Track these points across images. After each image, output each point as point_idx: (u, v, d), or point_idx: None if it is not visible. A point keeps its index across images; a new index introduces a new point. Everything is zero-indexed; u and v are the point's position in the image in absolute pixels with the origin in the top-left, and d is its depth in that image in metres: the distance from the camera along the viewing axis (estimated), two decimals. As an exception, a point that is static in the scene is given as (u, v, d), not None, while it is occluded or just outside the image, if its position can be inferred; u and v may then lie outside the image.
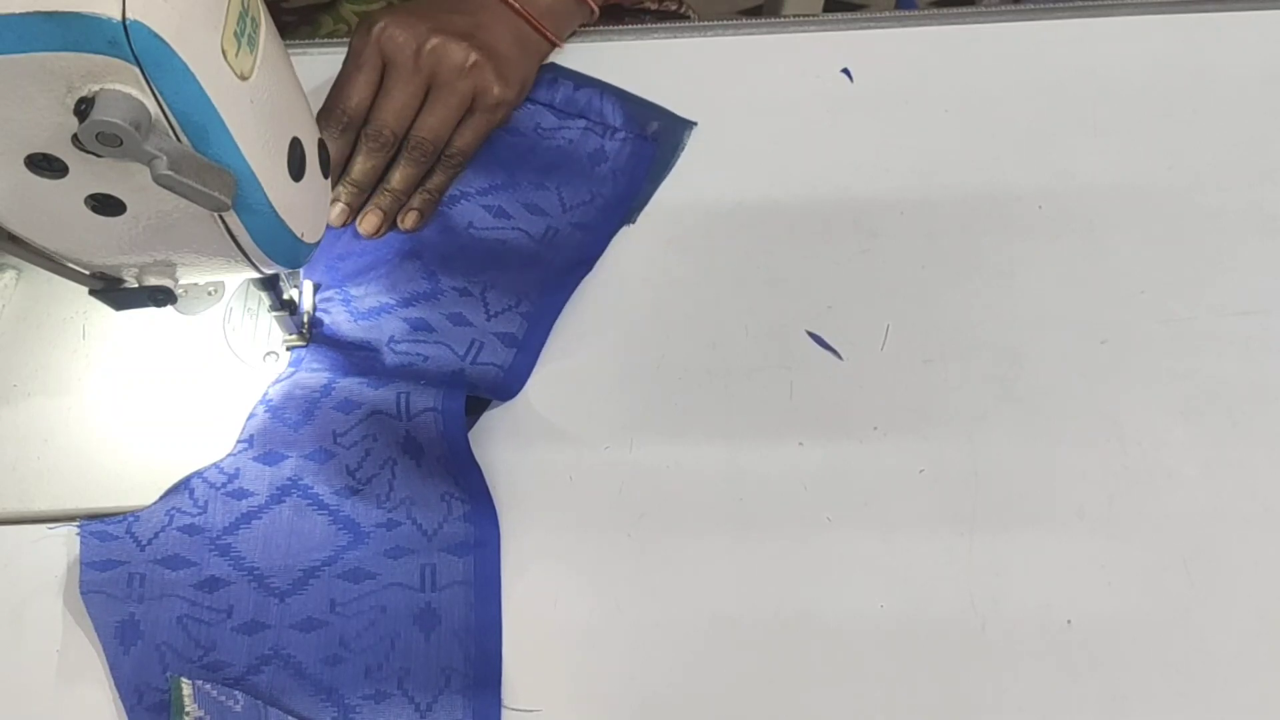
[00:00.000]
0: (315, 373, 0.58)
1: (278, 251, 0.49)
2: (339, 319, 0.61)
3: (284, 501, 0.56)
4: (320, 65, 0.69)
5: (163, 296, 0.52)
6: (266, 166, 0.45)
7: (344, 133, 0.62)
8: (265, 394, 0.58)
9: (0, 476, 0.57)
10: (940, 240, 0.63)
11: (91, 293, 0.53)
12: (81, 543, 0.55)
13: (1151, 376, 0.60)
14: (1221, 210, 0.64)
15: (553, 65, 0.69)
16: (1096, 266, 0.63)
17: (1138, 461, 0.57)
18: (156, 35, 0.38)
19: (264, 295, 0.56)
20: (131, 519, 0.55)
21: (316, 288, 0.61)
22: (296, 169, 0.49)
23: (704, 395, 0.60)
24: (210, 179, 0.41)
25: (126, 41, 0.37)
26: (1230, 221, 0.64)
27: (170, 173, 0.40)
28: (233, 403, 0.59)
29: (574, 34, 0.71)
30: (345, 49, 0.70)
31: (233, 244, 0.48)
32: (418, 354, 0.59)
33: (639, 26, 0.72)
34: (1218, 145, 0.66)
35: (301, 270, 0.60)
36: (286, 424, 0.57)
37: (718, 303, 0.62)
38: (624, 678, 0.53)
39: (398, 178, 0.62)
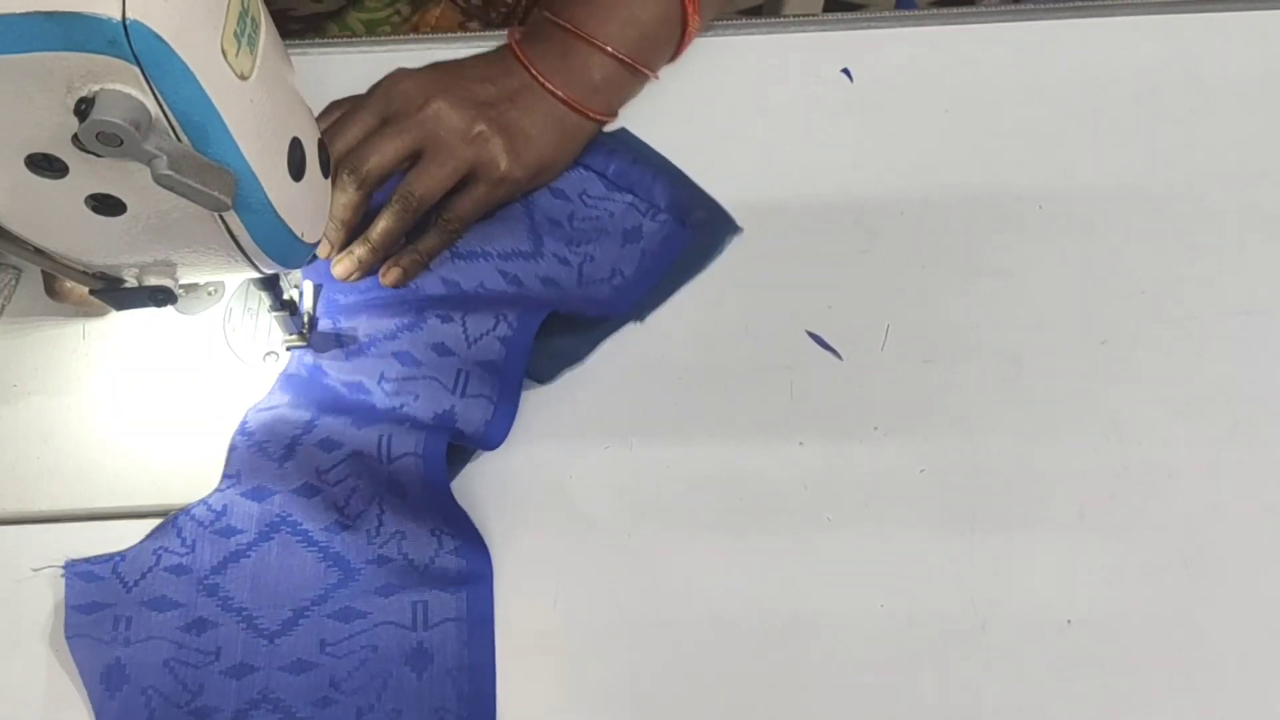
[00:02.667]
0: (296, 409, 0.57)
1: (278, 251, 0.49)
2: (324, 357, 0.59)
3: (272, 539, 0.55)
4: (320, 65, 0.69)
5: (163, 296, 0.52)
6: (266, 166, 0.45)
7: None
8: (244, 421, 0.57)
9: (0, 476, 0.57)
10: (940, 240, 0.63)
11: (91, 293, 0.53)
12: (66, 584, 0.54)
13: (1151, 376, 0.60)
14: (1221, 210, 0.64)
15: (618, 134, 0.66)
16: (1096, 266, 0.63)
17: (1138, 461, 0.57)
18: (156, 35, 0.38)
19: (264, 295, 0.56)
20: (118, 558, 0.54)
21: (317, 288, 0.61)
22: (296, 169, 0.49)
23: (704, 395, 0.60)
24: (210, 179, 0.41)
25: (126, 41, 0.37)
26: (1230, 221, 0.64)
27: (170, 173, 0.40)
28: (233, 403, 0.59)
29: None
30: (347, 51, 0.70)
31: (233, 244, 0.48)
32: (410, 393, 0.57)
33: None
34: (1217, 145, 0.66)
35: (301, 270, 0.60)
36: (272, 458, 0.56)
37: (718, 303, 0.62)
38: (624, 678, 0.53)
39: (377, 231, 0.59)
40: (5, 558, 0.56)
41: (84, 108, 0.38)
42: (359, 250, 0.60)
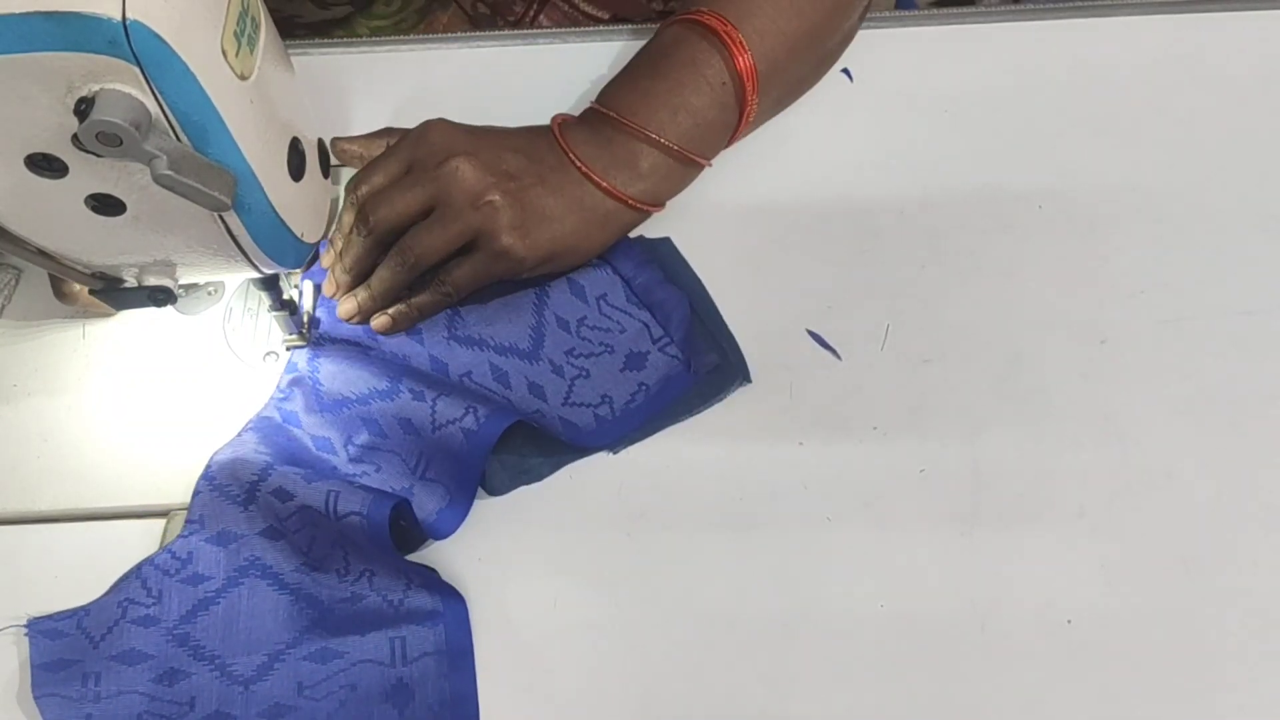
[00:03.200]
0: (258, 452, 0.56)
1: (278, 251, 0.49)
2: (297, 406, 0.58)
3: (242, 584, 0.54)
4: (320, 65, 0.69)
5: (163, 296, 0.52)
6: (266, 166, 0.46)
7: (348, 208, 0.60)
8: (208, 465, 0.56)
9: (0, 476, 0.57)
10: (940, 240, 0.63)
11: (91, 293, 0.53)
12: (31, 643, 0.53)
13: (1151, 376, 0.60)
14: (1221, 210, 0.64)
15: (659, 243, 0.63)
16: (1096, 266, 0.63)
17: (1138, 461, 0.57)
18: (156, 35, 0.38)
19: (264, 295, 0.57)
20: (82, 613, 0.54)
21: (317, 288, 0.61)
22: (296, 169, 0.49)
23: (704, 395, 0.60)
24: (210, 179, 0.41)
25: (126, 41, 0.37)
26: (1230, 221, 0.64)
27: (170, 173, 0.40)
28: (233, 403, 0.59)
29: (579, 33, 0.71)
30: (348, 52, 0.70)
31: (233, 244, 0.48)
32: (372, 462, 0.56)
33: (642, 26, 0.72)
34: (1218, 145, 0.66)
35: (301, 270, 0.60)
36: (235, 501, 0.55)
37: (718, 303, 0.62)
38: (624, 678, 0.53)
39: (375, 278, 0.59)
40: (5, 558, 0.56)
41: (84, 108, 0.39)
42: (361, 294, 0.59)
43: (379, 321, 0.59)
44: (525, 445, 0.58)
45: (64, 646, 0.53)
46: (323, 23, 0.81)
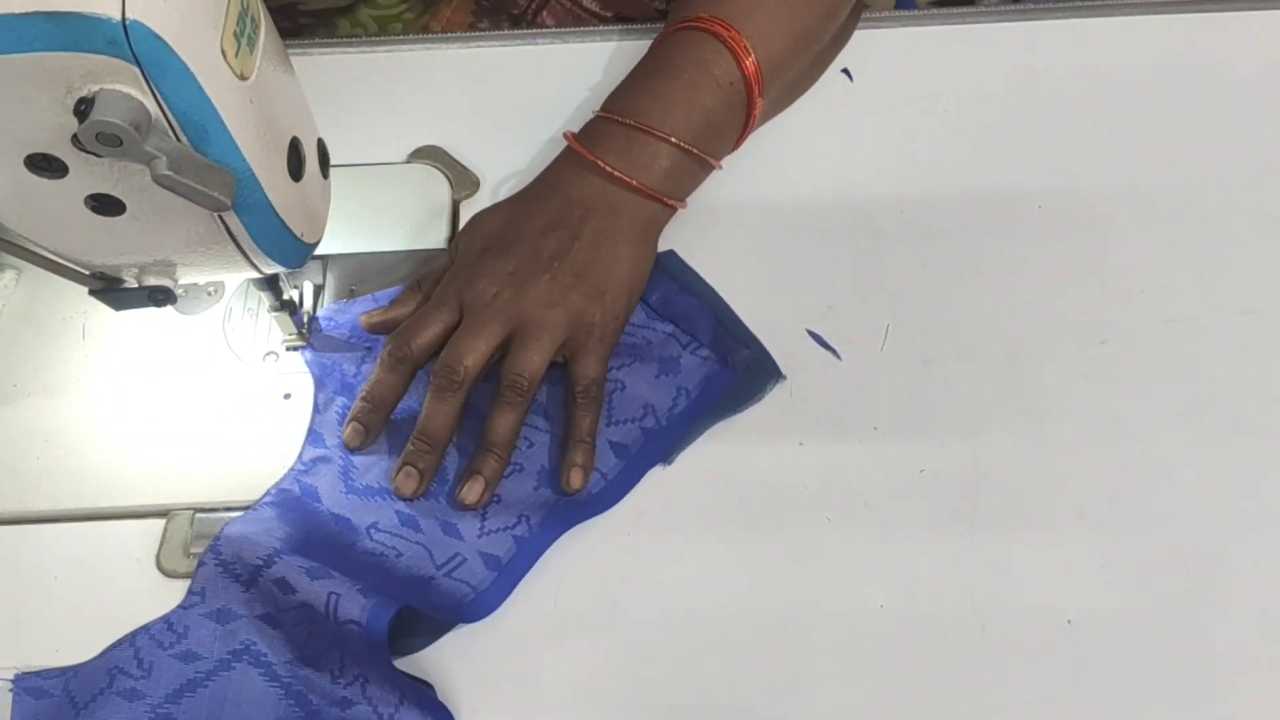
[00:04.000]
0: (269, 534, 0.54)
1: (278, 251, 0.49)
2: (323, 482, 0.56)
3: (234, 668, 0.52)
4: (321, 65, 0.70)
5: (163, 296, 0.52)
6: (266, 166, 0.45)
7: (398, 364, 0.57)
8: (218, 537, 0.54)
9: (0, 476, 0.57)
10: (940, 240, 0.63)
11: (91, 293, 0.53)
12: (15, 700, 0.51)
13: (1151, 376, 0.59)
14: (1221, 210, 0.64)
15: (665, 256, 0.63)
16: (1096, 266, 0.63)
17: (1138, 461, 0.57)
18: (156, 35, 0.38)
19: (264, 295, 0.56)
20: (70, 674, 0.52)
21: (317, 289, 0.61)
22: (296, 169, 0.49)
23: (704, 395, 0.59)
24: (210, 179, 0.41)
25: (126, 41, 0.37)
26: (1230, 221, 0.64)
27: (170, 173, 0.40)
28: (233, 403, 0.59)
29: (580, 33, 0.71)
30: (346, 51, 0.70)
31: (233, 244, 0.48)
32: (392, 548, 0.54)
33: (642, 26, 0.72)
34: (1218, 145, 0.66)
35: (301, 270, 0.60)
36: (238, 580, 0.54)
37: (718, 303, 0.62)
38: (624, 678, 0.53)
39: (499, 429, 0.56)
40: (5, 558, 0.56)
41: (84, 108, 0.39)
42: (484, 466, 0.56)
43: (575, 479, 0.56)
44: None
45: (47, 707, 0.51)
46: (326, 11, 0.80)
